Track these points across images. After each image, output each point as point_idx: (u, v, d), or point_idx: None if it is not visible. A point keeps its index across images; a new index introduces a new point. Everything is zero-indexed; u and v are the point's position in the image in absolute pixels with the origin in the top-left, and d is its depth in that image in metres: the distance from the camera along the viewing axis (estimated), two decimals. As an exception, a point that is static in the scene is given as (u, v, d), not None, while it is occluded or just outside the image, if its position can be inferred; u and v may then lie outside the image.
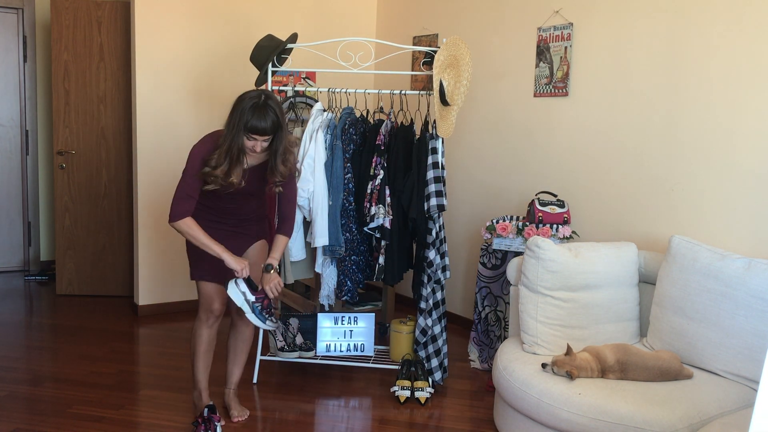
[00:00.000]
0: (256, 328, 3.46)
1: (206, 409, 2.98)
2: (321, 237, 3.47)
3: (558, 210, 3.67)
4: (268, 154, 2.83)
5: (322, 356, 3.69)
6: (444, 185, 3.44)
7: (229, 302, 2.99)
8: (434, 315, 3.51)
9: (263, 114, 2.66)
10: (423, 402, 3.41)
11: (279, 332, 3.72)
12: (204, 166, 2.76)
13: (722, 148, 3.15)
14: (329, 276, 3.62)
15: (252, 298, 2.89)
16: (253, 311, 2.89)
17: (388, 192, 3.46)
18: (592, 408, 2.50)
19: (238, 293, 2.88)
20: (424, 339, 3.51)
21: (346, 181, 3.54)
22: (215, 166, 2.72)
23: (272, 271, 2.93)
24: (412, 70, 4.92)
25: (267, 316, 2.91)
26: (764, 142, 2.99)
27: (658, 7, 3.39)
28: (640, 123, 3.50)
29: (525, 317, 3.03)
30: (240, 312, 3.00)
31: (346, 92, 3.65)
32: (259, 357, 3.65)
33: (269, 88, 3.61)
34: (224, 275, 2.93)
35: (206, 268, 2.95)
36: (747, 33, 3.03)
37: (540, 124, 4.06)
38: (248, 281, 2.90)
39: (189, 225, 2.80)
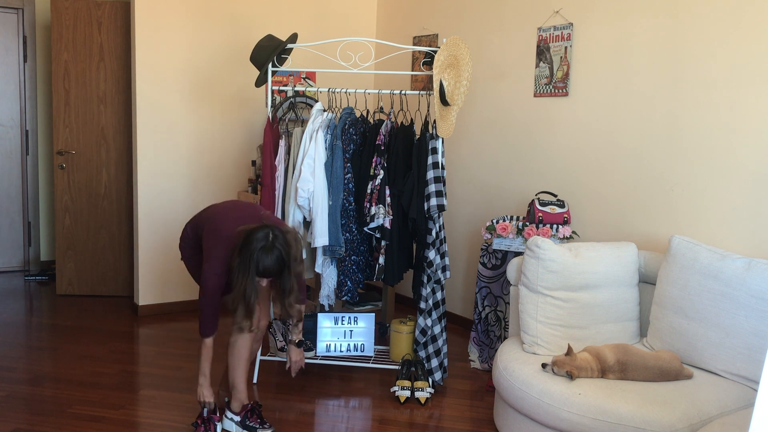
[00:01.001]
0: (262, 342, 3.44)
1: (204, 410, 2.97)
2: (321, 237, 3.47)
3: (558, 210, 3.67)
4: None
5: (322, 356, 3.69)
6: (444, 185, 3.44)
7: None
8: (434, 315, 3.51)
9: (271, 255, 2.66)
10: (423, 402, 3.41)
11: (279, 332, 3.72)
12: (222, 271, 2.76)
13: (722, 148, 3.15)
14: (329, 276, 3.62)
15: (237, 418, 3.04)
16: (245, 428, 3.02)
17: (388, 192, 3.46)
18: (592, 408, 2.50)
19: (231, 423, 3.04)
20: (424, 339, 3.51)
21: (346, 181, 3.54)
22: (233, 309, 2.75)
23: (302, 347, 3.10)
24: (412, 70, 4.92)
25: (258, 425, 3.01)
26: (764, 142, 2.99)
27: (659, 6, 3.39)
28: (640, 123, 3.50)
29: (525, 317, 3.03)
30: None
31: (346, 92, 3.65)
32: (259, 357, 3.65)
33: (269, 89, 3.61)
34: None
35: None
36: (747, 33, 3.03)
37: (540, 124, 4.06)
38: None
39: (208, 346, 2.89)
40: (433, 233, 3.44)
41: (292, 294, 2.80)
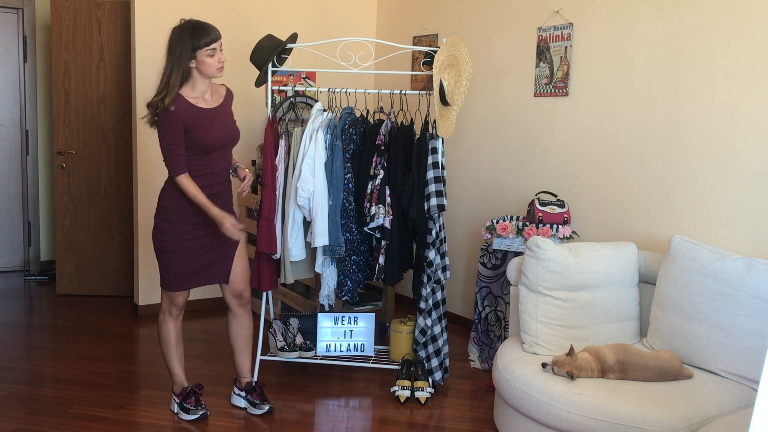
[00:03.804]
0: (255, 320, 3.54)
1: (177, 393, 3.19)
2: (321, 237, 3.47)
3: (558, 210, 3.67)
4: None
5: (322, 356, 3.69)
6: (444, 185, 3.44)
7: (224, 292, 3.19)
8: (434, 315, 3.51)
9: (206, 26, 2.91)
10: (423, 402, 3.41)
11: (279, 332, 3.72)
12: (180, 131, 2.86)
13: (722, 148, 3.15)
14: (329, 276, 3.62)
15: (177, 400, 3.18)
16: (183, 410, 3.16)
17: (388, 192, 3.46)
18: (592, 408, 2.50)
19: (174, 404, 3.20)
20: (424, 339, 3.51)
21: (346, 181, 3.54)
22: (160, 91, 2.84)
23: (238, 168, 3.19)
24: (412, 70, 4.92)
25: (193, 406, 3.16)
26: (765, 142, 2.99)
27: (658, 6, 3.39)
28: (640, 123, 3.50)
29: (525, 317, 3.03)
30: (239, 304, 3.18)
31: (346, 92, 3.65)
32: (259, 357, 3.64)
33: (269, 89, 3.61)
34: (201, 279, 3.07)
35: (186, 279, 3.05)
36: (748, 32, 3.03)
37: (540, 124, 4.06)
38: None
39: (189, 180, 2.91)
40: (433, 233, 3.43)
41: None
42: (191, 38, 2.85)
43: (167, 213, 2.99)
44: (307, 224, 3.62)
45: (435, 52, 3.38)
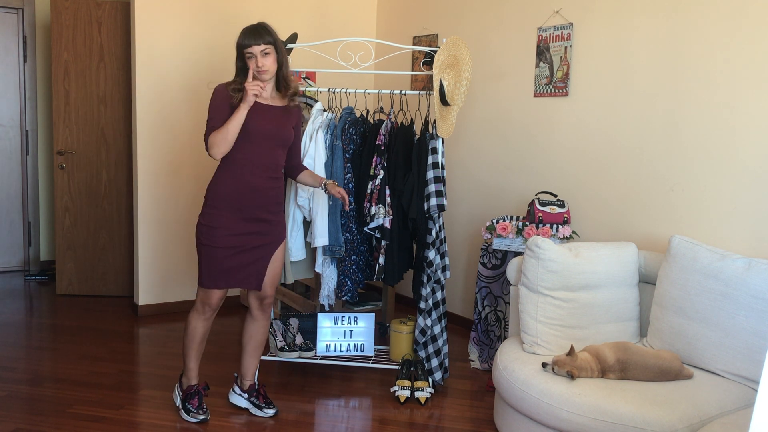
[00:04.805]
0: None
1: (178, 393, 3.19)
2: (321, 237, 3.47)
3: (558, 210, 3.67)
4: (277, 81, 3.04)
5: (322, 356, 3.69)
6: (444, 185, 3.44)
7: (245, 295, 3.19)
8: (434, 315, 3.51)
9: (246, 30, 2.94)
10: (423, 402, 3.41)
11: (279, 332, 3.72)
12: (225, 108, 2.94)
13: (722, 148, 3.15)
14: (329, 276, 3.62)
15: (181, 395, 3.19)
16: (184, 409, 3.17)
17: (388, 192, 3.46)
18: (592, 408, 2.50)
19: (177, 397, 3.22)
20: (424, 339, 3.51)
21: (346, 181, 3.54)
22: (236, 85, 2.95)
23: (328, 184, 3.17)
24: (412, 70, 4.92)
25: (194, 408, 3.15)
26: (765, 142, 2.99)
27: (658, 6, 3.39)
28: (640, 123, 3.50)
29: (525, 317, 3.03)
30: (261, 307, 3.19)
31: (346, 92, 3.65)
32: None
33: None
34: (233, 280, 3.04)
35: (220, 277, 3.02)
36: (747, 32, 3.03)
37: (540, 124, 4.06)
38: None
39: (217, 133, 2.91)
40: (433, 233, 3.44)
41: (286, 68, 3.03)
42: (240, 37, 2.96)
43: (208, 205, 3.00)
44: (307, 224, 3.62)
45: (435, 52, 3.38)
